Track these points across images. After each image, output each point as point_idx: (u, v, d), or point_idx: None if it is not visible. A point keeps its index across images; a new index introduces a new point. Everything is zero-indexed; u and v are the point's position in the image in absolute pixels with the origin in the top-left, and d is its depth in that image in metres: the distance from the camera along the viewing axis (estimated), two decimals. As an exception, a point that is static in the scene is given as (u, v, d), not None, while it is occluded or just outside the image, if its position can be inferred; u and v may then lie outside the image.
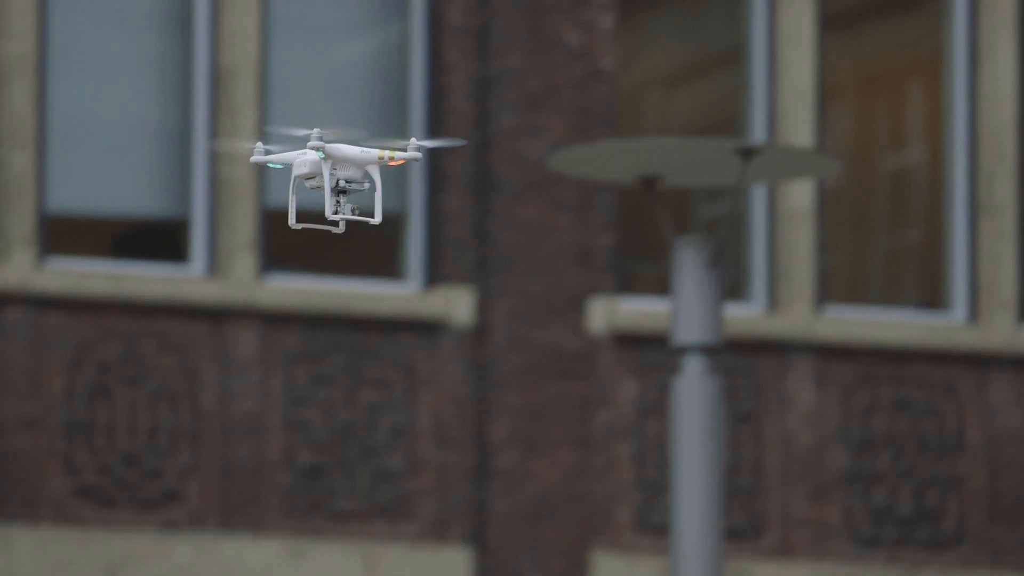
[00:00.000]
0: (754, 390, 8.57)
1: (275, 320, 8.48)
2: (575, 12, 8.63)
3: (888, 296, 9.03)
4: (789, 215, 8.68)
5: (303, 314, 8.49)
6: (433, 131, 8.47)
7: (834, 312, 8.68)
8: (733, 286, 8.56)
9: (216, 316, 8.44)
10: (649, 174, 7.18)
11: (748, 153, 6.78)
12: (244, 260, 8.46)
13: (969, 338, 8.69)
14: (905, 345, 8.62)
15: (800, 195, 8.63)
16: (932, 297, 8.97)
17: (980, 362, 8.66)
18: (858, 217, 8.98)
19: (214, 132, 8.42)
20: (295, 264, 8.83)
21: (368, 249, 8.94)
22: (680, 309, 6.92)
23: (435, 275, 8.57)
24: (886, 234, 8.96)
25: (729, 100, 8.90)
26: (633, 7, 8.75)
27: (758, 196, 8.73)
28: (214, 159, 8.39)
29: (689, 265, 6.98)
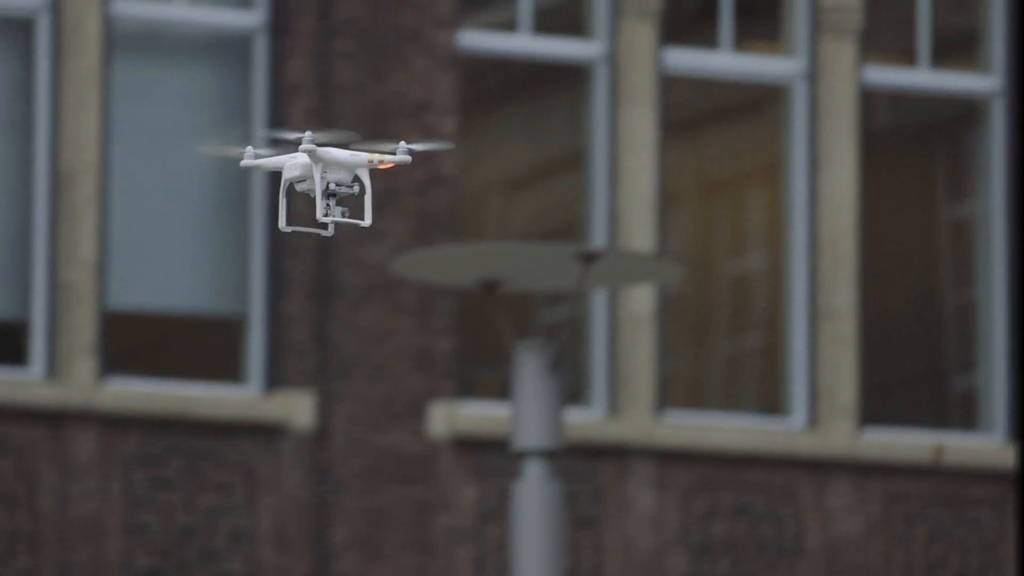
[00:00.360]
0: (594, 495, 8.58)
1: (114, 423, 8.45)
2: (417, 116, 8.63)
3: (728, 401, 9.04)
4: (629, 320, 8.69)
5: (143, 417, 8.47)
6: (273, 235, 8.48)
7: (674, 417, 8.69)
8: (573, 391, 8.56)
9: (55, 419, 8.40)
10: (490, 278, 7.19)
11: (589, 258, 6.81)
12: (83, 363, 8.42)
13: (808, 444, 8.71)
14: (745, 450, 8.63)
15: (640, 300, 8.64)
16: (772, 402, 8.99)
17: (819, 467, 8.67)
18: (698, 322, 9.00)
19: (53, 235, 8.40)
20: (135, 367, 8.79)
21: (208, 353, 8.93)
22: (520, 414, 6.94)
23: (275, 379, 8.55)
24: (726, 339, 8.97)
25: (570, 204, 8.92)
26: (475, 111, 8.76)
27: (599, 301, 8.74)
28: (53, 262, 8.38)
29: (529, 369, 6.99)
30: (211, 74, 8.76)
